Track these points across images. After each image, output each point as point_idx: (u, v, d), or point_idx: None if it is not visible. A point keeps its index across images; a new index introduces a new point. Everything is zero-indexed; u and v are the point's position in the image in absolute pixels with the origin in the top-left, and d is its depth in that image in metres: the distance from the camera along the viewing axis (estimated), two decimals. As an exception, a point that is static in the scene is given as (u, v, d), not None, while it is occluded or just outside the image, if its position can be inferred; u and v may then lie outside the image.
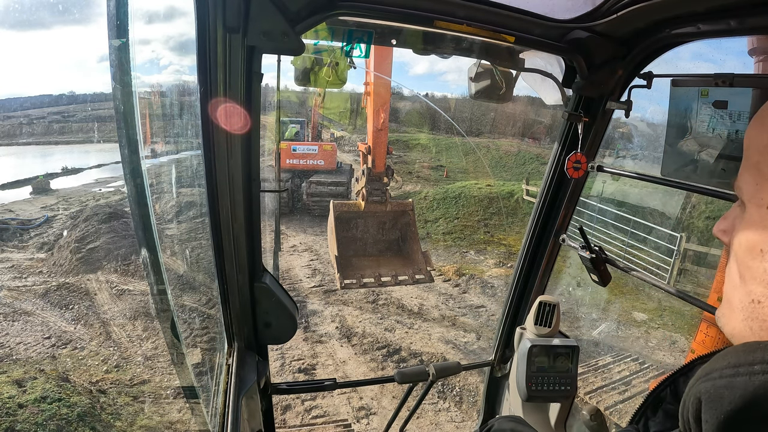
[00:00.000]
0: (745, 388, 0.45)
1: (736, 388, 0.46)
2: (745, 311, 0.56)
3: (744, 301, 0.56)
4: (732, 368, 0.48)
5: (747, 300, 0.56)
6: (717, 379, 0.49)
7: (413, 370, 1.98)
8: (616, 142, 17.15)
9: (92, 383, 7.14)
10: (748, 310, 0.56)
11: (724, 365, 0.49)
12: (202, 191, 1.43)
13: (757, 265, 0.55)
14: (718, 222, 0.65)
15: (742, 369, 0.46)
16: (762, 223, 0.55)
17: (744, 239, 0.57)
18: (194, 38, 1.13)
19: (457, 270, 13.04)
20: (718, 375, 0.49)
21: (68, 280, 11.21)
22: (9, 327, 9.02)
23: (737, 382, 0.46)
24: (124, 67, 1.02)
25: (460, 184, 21.18)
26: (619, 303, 10.67)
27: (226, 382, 1.48)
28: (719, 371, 0.49)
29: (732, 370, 0.47)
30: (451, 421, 6.88)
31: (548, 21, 1.43)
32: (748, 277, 0.56)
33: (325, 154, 18.11)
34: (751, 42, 1.24)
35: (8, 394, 6.01)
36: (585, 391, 6.94)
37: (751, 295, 0.55)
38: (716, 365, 0.50)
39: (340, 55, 1.76)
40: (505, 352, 2.20)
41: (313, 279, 12.34)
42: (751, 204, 0.57)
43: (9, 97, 62.70)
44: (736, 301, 0.58)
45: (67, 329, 9.07)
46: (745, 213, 0.59)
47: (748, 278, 0.56)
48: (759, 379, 0.45)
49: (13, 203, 19.76)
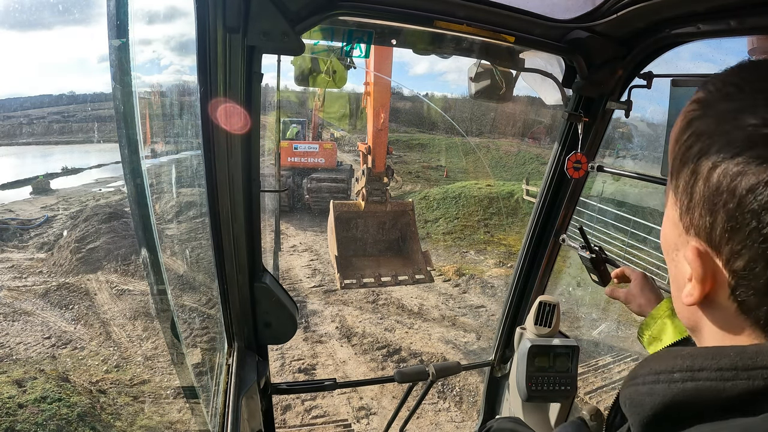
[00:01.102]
0: (664, 394, 0.47)
1: (655, 395, 0.48)
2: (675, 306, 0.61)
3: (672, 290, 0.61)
4: (653, 375, 0.49)
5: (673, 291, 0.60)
6: (639, 385, 0.51)
7: (413, 370, 1.98)
8: (616, 142, 17.15)
9: (92, 383, 7.14)
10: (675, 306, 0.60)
11: (647, 371, 0.51)
12: (202, 191, 1.43)
13: (668, 263, 0.60)
14: None
15: (663, 376, 0.48)
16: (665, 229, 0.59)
17: (661, 239, 0.62)
18: (194, 38, 1.12)
19: (457, 270, 13.04)
20: (641, 381, 0.51)
21: (68, 280, 11.21)
22: (9, 327, 9.03)
23: (657, 389, 0.48)
24: (124, 67, 1.02)
25: (460, 184, 21.19)
26: (619, 303, 10.66)
27: (226, 382, 1.48)
28: (642, 377, 0.51)
29: (653, 377, 0.49)
30: (451, 421, 6.88)
31: (548, 21, 1.43)
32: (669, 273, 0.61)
33: (326, 153, 18.44)
34: (751, 42, 1.23)
35: (8, 394, 6.01)
36: (585, 391, 6.94)
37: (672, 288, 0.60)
38: (640, 371, 0.52)
39: (338, 63, 1.77)
40: (505, 352, 2.20)
41: (313, 279, 12.34)
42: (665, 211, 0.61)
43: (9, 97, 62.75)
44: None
45: (67, 329, 9.07)
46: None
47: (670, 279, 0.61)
48: (678, 386, 0.46)
49: (13, 203, 19.78)
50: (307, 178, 17.91)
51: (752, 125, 0.45)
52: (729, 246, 0.47)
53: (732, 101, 0.49)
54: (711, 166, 0.48)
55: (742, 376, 0.43)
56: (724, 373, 0.44)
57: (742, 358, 0.44)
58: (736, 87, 0.51)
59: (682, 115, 0.56)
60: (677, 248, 0.56)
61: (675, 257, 0.57)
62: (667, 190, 0.60)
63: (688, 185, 0.52)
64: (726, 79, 0.52)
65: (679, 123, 0.56)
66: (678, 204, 0.54)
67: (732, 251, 0.47)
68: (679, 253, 0.56)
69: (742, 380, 0.43)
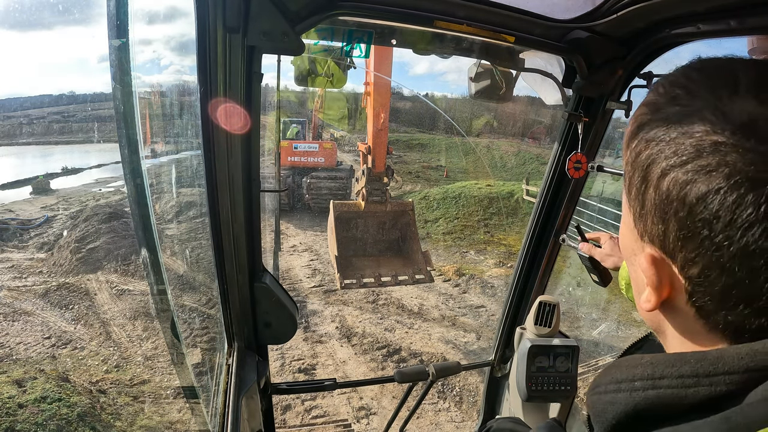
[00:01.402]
0: (626, 403, 0.47)
1: (617, 404, 0.48)
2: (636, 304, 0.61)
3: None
4: (615, 383, 0.49)
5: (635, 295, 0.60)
6: (601, 394, 0.51)
7: (413, 370, 1.98)
8: (616, 142, 17.15)
9: (92, 383, 7.14)
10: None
11: (608, 380, 0.51)
12: (202, 191, 1.43)
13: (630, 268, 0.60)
14: None
15: (624, 385, 0.48)
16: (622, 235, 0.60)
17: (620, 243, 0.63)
18: (194, 38, 1.13)
19: (457, 270, 13.04)
20: (603, 390, 0.51)
21: (68, 280, 11.21)
22: (9, 327, 9.03)
23: (619, 398, 0.48)
24: (124, 67, 1.02)
25: (460, 184, 21.19)
26: (619, 303, 10.67)
27: (226, 382, 1.48)
28: (604, 386, 0.51)
29: (615, 385, 0.49)
30: (451, 421, 6.88)
31: (548, 21, 1.43)
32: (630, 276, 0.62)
33: (326, 152, 18.57)
34: (751, 42, 1.23)
35: (8, 394, 6.01)
36: (585, 391, 6.93)
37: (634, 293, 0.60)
38: (602, 380, 0.52)
39: (335, 65, 1.77)
40: (505, 352, 2.20)
41: (313, 279, 12.34)
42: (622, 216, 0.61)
43: (9, 97, 62.77)
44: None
45: (67, 329, 9.07)
46: None
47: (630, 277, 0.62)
48: (639, 395, 0.46)
49: (13, 203, 19.78)
50: (307, 177, 18.02)
51: (700, 132, 0.45)
52: (683, 253, 0.47)
53: (680, 105, 0.48)
54: (660, 173, 0.47)
55: (703, 382, 0.43)
56: (686, 380, 0.44)
57: (703, 365, 0.44)
58: (684, 90, 0.49)
59: (633, 119, 0.55)
60: (635, 253, 0.56)
61: (634, 262, 0.57)
62: (622, 195, 0.59)
63: (640, 192, 0.51)
64: (675, 81, 0.51)
65: (630, 127, 0.55)
66: (631, 210, 0.54)
67: (686, 259, 0.46)
68: (636, 257, 0.55)
69: (704, 386, 0.43)
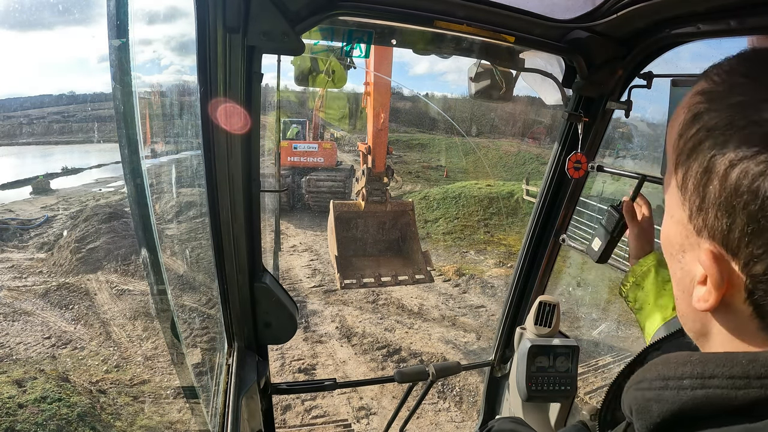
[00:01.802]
0: (672, 401, 0.46)
1: (664, 402, 0.47)
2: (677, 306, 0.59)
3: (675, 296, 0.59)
4: (662, 380, 0.48)
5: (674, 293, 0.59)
6: (646, 390, 0.49)
7: (413, 370, 1.98)
8: (616, 142, 17.15)
9: (92, 383, 7.14)
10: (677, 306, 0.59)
11: (654, 376, 0.49)
12: (202, 191, 1.43)
13: (672, 268, 0.58)
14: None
15: (672, 382, 0.47)
16: (667, 231, 0.57)
17: (661, 240, 0.60)
18: (194, 38, 1.13)
19: (457, 270, 13.04)
20: (648, 386, 0.49)
21: (68, 280, 11.21)
22: (9, 327, 9.02)
23: (666, 395, 0.47)
24: (124, 67, 1.02)
25: (460, 184, 21.19)
26: (619, 303, 10.67)
27: (226, 382, 1.48)
28: (649, 381, 0.50)
29: (662, 382, 0.48)
30: (451, 421, 6.88)
31: (548, 21, 1.43)
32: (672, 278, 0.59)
33: (325, 152, 18.59)
34: (751, 42, 1.23)
35: (8, 394, 6.01)
36: (585, 391, 6.94)
37: (674, 290, 0.58)
38: (648, 375, 0.51)
39: (337, 63, 1.77)
40: (505, 352, 2.20)
41: (313, 279, 12.34)
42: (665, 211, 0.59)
43: (9, 97, 62.77)
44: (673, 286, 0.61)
45: (67, 329, 9.07)
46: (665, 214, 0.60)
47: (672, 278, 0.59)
48: (687, 394, 0.45)
49: (13, 203, 19.78)
50: (306, 177, 18.04)
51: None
52: (749, 249, 0.44)
53: (744, 95, 0.46)
54: (728, 164, 0.45)
55: (754, 384, 0.42)
56: (736, 381, 0.43)
57: (755, 366, 0.43)
58: (745, 77, 0.48)
59: (686, 108, 0.53)
60: (683, 250, 0.53)
61: (681, 259, 0.54)
62: (667, 187, 0.57)
63: (700, 184, 0.48)
64: (732, 70, 0.49)
65: (683, 115, 0.52)
66: (687, 203, 0.51)
67: (751, 255, 0.44)
68: (686, 255, 0.53)
69: (754, 389, 0.42)
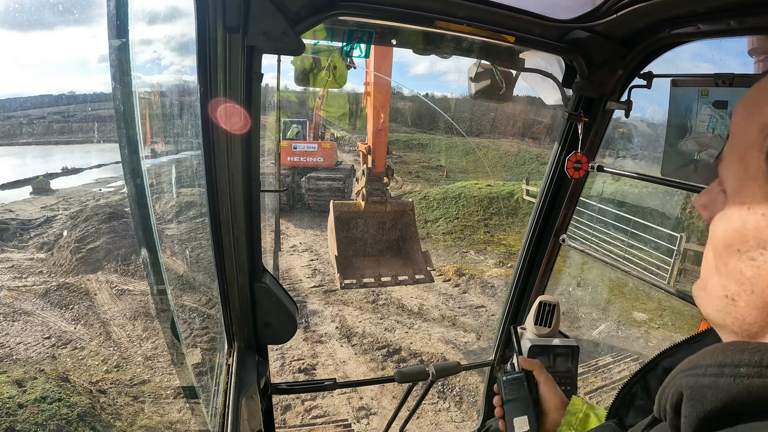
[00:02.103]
0: (728, 390, 0.44)
1: (719, 389, 0.45)
2: (720, 303, 0.55)
3: (719, 293, 0.55)
4: (717, 367, 0.46)
5: (722, 293, 0.54)
6: (701, 377, 0.48)
7: (413, 370, 1.98)
8: (616, 142, 17.15)
9: (92, 383, 7.14)
10: (722, 303, 0.55)
11: (710, 363, 0.48)
12: (202, 191, 1.43)
13: (734, 263, 0.53)
14: (700, 195, 0.62)
15: (728, 370, 0.45)
16: (741, 224, 0.52)
17: (722, 233, 0.55)
18: (194, 38, 1.12)
19: (457, 270, 13.04)
20: (703, 372, 0.48)
21: (68, 280, 11.21)
22: (9, 327, 9.03)
23: (721, 382, 0.45)
24: (124, 67, 1.02)
25: (460, 184, 21.20)
26: (619, 303, 10.67)
27: (226, 382, 1.48)
28: (704, 368, 0.48)
29: (717, 369, 0.46)
30: (451, 421, 6.88)
31: (548, 21, 1.43)
32: (724, 272, 0.55)
33: (325, 152, 18.67)
34: (751, 42, 1.23)
35: (8, 394, 6.01)
36: (585, 391, 6.94)
37: (726, 290, 0.54)
38: (702, 361, 0.49)
39: (339, 58, 1.76)
40: (505, 352, 2.20)
41: (313, 279, 12.34)
42: (733, 200, 0.54)
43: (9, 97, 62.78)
44: (711, 288, 0.57)
45: (67, 329, 9.07)
46: (726, 205, 0.56)
47: (724, 273, 0.55)
48: (743, 382, 0.44)
49: (14, 203, 19.77)
50: (306, 176, 18.09)
51: None
52: None
53: None
54: None
55: None
56: None
57: None
58: None
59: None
60: (762, 246, 0.50)
61: (756, 257, 0.50)
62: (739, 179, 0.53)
63: None
64: None
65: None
66: None
67: None
68: (765, 252, 0.49)
69: None
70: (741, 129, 0.53)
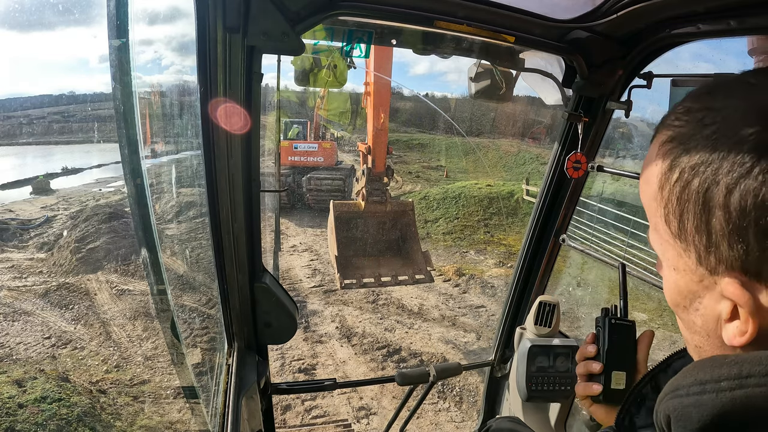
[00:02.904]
0: (712, 405, 0.45)
1: (703, 406, 0.45)
2: (695, 354, 0.59)
3: (692, 345, 0.59)
4: (699, 385, 0.47)
5: (693, 345, 0.58)
6: (684, 397, 0.48)
7: (414, 372, 1.97)
8: (616, 142, 17.16)
9: (92, 383, 7.14)
10: (696, 353, 0.59)
11: (691, 382, 0.48)
12: (202, 191, 1.43)
13: (686, 317, 0.57)
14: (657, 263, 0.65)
15: (709, 386, 0.46)
16: (675, 284, 0.56)
17: (668, 296, 0.59)
18: (194, 38, 1.12)
19: (457, 270, 13.04)
20: (685, 392, 0.48)
21: (68, 280, 11.21)
22: (9, 327, 9.03)
23: (704, 399, 0.46)
24: (124, 67, 1.02)
25: (460, 184, 21.20)
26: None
27: (226, 382, 1.48)
28: (686, 388, 0.48)
29: (699, 387, 0.47)
30: (451, 421, 6.88)
31: (548, 21, 1.43)
32: (685, 328, 0.59)
33: (325, 152, 18.81)
34: (751, 42, 1.23)
35: (8, 394, 6.01)
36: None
37: (694, 342, 0.58)
38: (683, 381, 0.50)
39: (339, 57, 1.76)
40: (505, 352, 2.20)
41: (313, 279, 12.34)
42: (663, 266, 0.58)
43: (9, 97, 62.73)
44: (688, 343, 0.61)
45: (67, 329, 9.07)
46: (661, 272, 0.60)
47: (686, 329, 0.58)
48: (726, 396, 0.44)
49: (14, 203, 19.77)
50: (307, 176, 18.21)
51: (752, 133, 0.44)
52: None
53: (712, 123, 0.47)
54: (726, 191, 0.45)
55: None
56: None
57: None
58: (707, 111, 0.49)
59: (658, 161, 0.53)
60: (699, 296, 0.53)
61: (698, 307, 0.54)
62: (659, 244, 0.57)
63: (702, 222, 0.48)
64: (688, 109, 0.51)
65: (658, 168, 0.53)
66: (691, 249, 0.51)
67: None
68: (703, 300, 0.53)
69: None
70: (645, 202, 0.58)
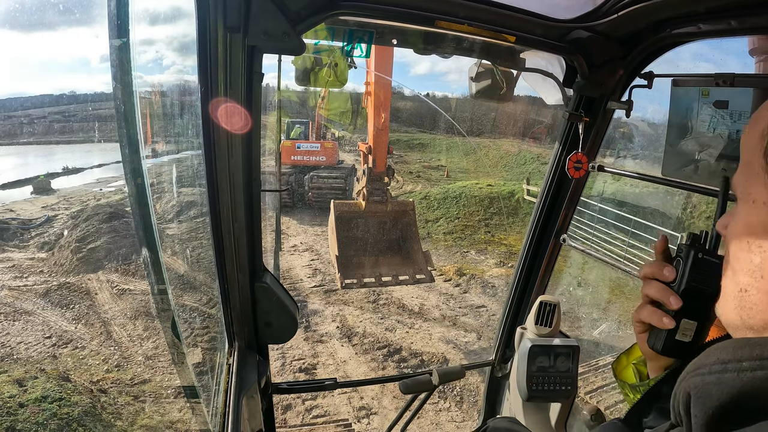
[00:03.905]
0: (732, 384, 0.46)
1: (723, 384, 0.47)
2: (735, 300, 0.58)
3: (734, 290, 0.58)
4: (721, 364, 0.48)
5: (736, 290, 0.57)
6: (706, 375, 0.50)
7: (417, 381, 1.95)
8: (617, 142, 17.14)
9: (93, 383, 7.15)
10: (737, 299, 0.57)
11: (713, 361, 0.50)
12: (202, 191, 1.43)
13: (744, 256, 0.57)
14: (721, 218, 0.67)
15: (731, 365, 0.47)
16: (748, 217, 0.56)
17: (733, 232, 0.59)
18: (195, 38, 1.13)
19: (457, 270, 13.03)
20: (707, 371, 0.50)
21: (69, 280, 11.22)
22: (10, 327, 9.03)
23: (725, 378, 0.47)
24: (125, 66, 1.02)
25: (460, 183, 21.19)
26: (620, 303, 10.66)
27: (226, 382, 1.48)
28: (708, 367, 0.50)
29: (720, 366, 0.48)
30: (452, 420, 6.88)
31: (549, 21, 1.43)
32: (737, 269, 0.58)
33: (327, 151, 18.99)
34: (752, 42, 1.24)
35: (9, 394, 6.02)
36: (585, 391, 6.93)
37: (739, 284, 0.57)
38: (706, 360, 0.51)
39: (340, 56, 1.76)
40: (505, 352, 2.20)
41: (313, 279, 12.34)
42: (741, 199, 0.59)
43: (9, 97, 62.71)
44: (728, 291, 0.60)
45: (67, 329, 9.08)
46: (737, 208, 0.60)
47: (737, 269, 0.58)
48: (747, 375, 0.45)
49: (14, 203, 19.78)
50: (309, 175, 18.37)
51: None
52: None
53: None
54: None
55: None
56: None
57: None
58: None
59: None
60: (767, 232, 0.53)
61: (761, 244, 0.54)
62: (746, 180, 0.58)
63: None
64: None
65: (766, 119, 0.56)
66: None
67: None
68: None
69: None
70: (746, 140, 0.58)
